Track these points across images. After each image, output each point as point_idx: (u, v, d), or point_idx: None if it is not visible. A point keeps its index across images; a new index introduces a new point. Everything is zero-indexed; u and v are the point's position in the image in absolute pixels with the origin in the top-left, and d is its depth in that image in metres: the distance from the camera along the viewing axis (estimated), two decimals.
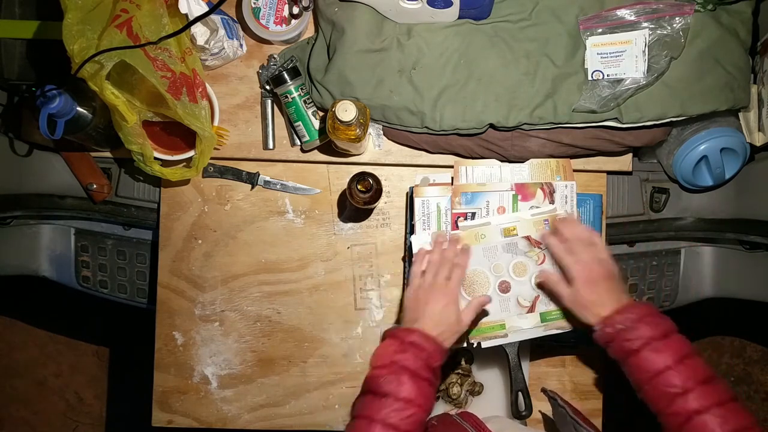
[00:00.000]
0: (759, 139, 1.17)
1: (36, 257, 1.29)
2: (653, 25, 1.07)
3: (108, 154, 1.23)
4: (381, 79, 1.11)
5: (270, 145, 1.19)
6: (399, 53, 1.11)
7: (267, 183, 1.20)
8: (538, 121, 1.11)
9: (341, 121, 1.00)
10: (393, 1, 1.07)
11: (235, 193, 1.20)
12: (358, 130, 1.04)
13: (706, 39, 1.08)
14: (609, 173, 1.22)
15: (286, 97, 1.13)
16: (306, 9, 1.14)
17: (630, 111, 1.10)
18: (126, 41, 0.96)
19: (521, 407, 1.06)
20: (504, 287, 1.07)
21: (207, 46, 1.09)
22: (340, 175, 1.21)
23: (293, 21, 1.15)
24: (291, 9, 1.14)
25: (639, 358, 0.88)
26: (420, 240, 1.08)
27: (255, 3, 1.15)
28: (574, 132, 1.13)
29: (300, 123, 1.14)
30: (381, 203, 1.19)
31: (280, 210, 1.20)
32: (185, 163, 1.15)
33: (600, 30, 1.09)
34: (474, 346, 1.06)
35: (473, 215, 1.09)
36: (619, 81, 1.09)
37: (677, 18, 1.07)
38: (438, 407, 1.15)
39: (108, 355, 2.04)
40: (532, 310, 1.06)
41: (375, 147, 1.19)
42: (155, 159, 1.09)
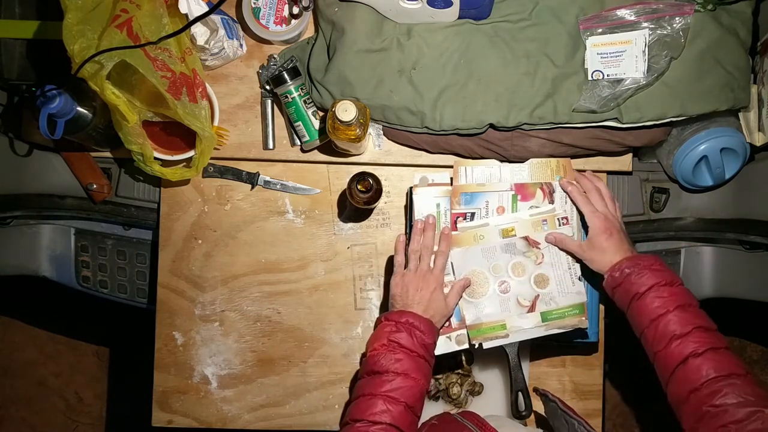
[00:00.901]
0: (759, 139, 1.17)
1: (36, 257, 1.29)
2: (653, 25, 1.07)
3: (108, 154, 1.23)
4: (381, 79, 1.11)
5: (270, 145, 1.19)
6: (399, 53, 1.11)
7: (267, 183, 1.20)
8: (538, 121, 1.11)
9: (341, 121, 1.00)
10: (393, 1, 1.07)
11: (235, 193, 1.20)
12: (358, 130, 1.04)
13: (706, 39, 1.08)
14: (609, 173, 1.22)
15: (286, 97, 1.13)
16: (306, 9, 1.14)
17: (630, 111, 1.10)
18: (126, 41, 0.96)
19: (521, 407, 1.06)
20: (503, 287, 1.07)
21: (207, 46, 1.09)
22: (340, 175, 1.21)
23: (293, 21, 1.15)
24: (291, 9, 1.14)
25: (642, 302, 0.92)
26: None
27: (255, 3, 1.15)
28: (574, 132, 1.13)
29: (300, 123, 1.14)
30: (381, 203, 1.19)
31: (280, 210, 1.20)
32: (185, 163, 1.15)
33: (600, 30, 1.09)
34: (476, 347, 1.06)
35: (473, 215, 1.09)
36: (619, 81, 1.09)
37: (677, 18, 1.07)
38: (438, 407, 1.15)
39: (108, 355, 2.04)
40: (532, 309, 1.06)
41: (375, 147, 1.19)
42: (155, 159, 1.09)
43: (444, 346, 1.07)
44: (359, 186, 1.05)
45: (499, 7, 1.11)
